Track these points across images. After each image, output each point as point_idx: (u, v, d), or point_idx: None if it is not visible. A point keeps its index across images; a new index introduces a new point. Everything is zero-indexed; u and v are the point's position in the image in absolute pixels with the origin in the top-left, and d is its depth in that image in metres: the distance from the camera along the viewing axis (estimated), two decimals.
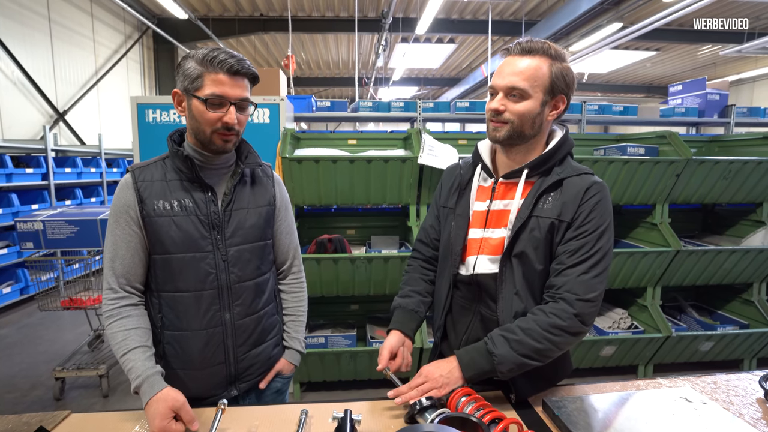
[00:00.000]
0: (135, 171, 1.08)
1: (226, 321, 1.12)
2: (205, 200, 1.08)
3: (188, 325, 1.09)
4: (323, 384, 2.81)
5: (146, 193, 1.05)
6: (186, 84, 1.01)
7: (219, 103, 1.00)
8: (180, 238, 1.05)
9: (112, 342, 1.04)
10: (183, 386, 1.09)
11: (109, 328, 1.05)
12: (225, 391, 1.15)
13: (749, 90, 11.66)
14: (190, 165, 1.06)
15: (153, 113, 2.46)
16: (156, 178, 1.07)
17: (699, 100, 3.82)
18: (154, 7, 7.73)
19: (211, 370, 1.12)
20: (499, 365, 0.96)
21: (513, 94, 1.00)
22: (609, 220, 1.01)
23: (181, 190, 1.07)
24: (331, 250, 2.64)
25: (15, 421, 0.97)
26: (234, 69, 1.00)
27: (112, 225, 1.07)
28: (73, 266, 3.29)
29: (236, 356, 1.14)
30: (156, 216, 1.05)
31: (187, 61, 1.02)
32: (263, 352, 1.20)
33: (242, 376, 1.17)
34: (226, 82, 1.00)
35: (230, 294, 1.11)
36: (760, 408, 1.01)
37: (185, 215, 1.06)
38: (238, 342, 1.14)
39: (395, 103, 3.43)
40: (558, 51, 1.01)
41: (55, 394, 2.68)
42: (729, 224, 3.23)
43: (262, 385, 1.21)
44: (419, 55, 10.46)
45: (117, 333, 1.03)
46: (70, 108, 6.29)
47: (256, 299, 1.17)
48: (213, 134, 1.03)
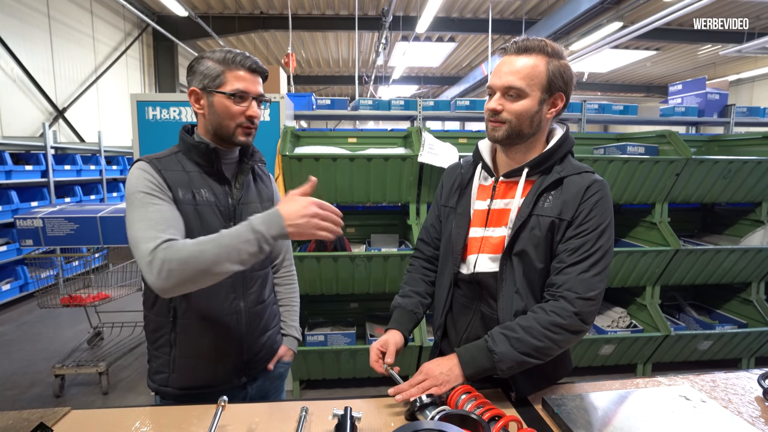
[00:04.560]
0: (153, 161, 1.06)
1: (241, 309, 1.15)
2: (223, 192, 1.12)
3: (206, 314, 1.10)
4: (323, 382, 2.81)
5: (171, 181, 1.05)
6: (206, 82, 1.05)
7: (242, 97, 1.06)
8: (202, 227, 1.06)
9: (198, 249, 0.91)
10: (196, 375, 1.12)
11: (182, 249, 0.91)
12: (236, 377, 1.18)
13: (749, 90, 11.67)
14: (212, 157, 1.09)
15: (153, 110, 2.46)
16: (176, 169, 1.08)
17: (699, 99, 3.82)
18: (154, 4, 7.72)
19: (227, 358, 1.15)
20: (499, 363, 0.96)
21: (510, 93, 1.00)
22: (609, 219, 1.01)
23: (201, 181, 1.09)
24: (330, 248, 2.64)
25: (15, 417, 0.97)
26: (252, 67, 1.08)
27: (142, 199, 0.98)
28: (72, 263, 3.29)
29: (249, 344, 1.18)
30: (181, 203, 1.05)
31: (204, 62, 1.06)
32: (269, 339, 1.25)
33: (253, 362, 1.20)
34: (247, 79, 1.07)
35: (244, 283, 1.15)
36: (758, 406, 1.01)
37: (207, 205, 1.08)
38: (251, 329, 1.18)
39: (395, 102, 3.43)
40: (555, 48, 1.00)
41: (55, 391, 2.68)
42: (728, 224, 3.24)
43: (270, 366, 1.26)
44: (419, 53, 10.45)
45: (198, 241, 0.93)
46: (69, 105, 6.28)
47: (264, 288, 1.23)
48: (237, 128, 1.08)
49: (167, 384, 1.13)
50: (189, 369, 1.11)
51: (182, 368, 1.11)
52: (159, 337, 1.12)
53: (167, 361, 1.12)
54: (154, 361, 1.15)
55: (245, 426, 0.95)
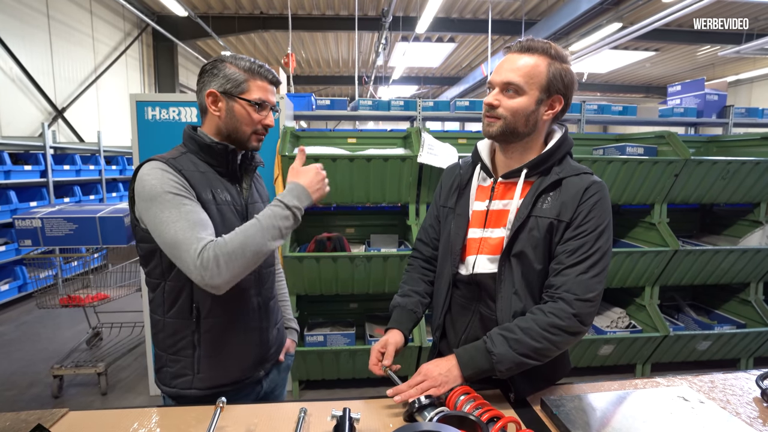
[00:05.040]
0: (170, 161, 1.04)
1: (259, 304, 1.20)
2: (236, 192, 1.16)
3: (230, 311, 1.12)
4: (322, 382, 2.81)
5: (193, 182, 1.04)
6: (228, 86, 1.08)
7: (262, 106, 1.13)
8: (224, 227, 1.06)
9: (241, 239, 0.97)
10: (223, 373, 1.13)
11: (227, 244, 0.96)
12: (256, 371, 1.21)
13: (747, 91, 11.68)
14: (229, 158, 1.13)
15: (152, 111, 2.45)
16: (192, 169, 1.07)
17: (698, 100, 3.82)
18: (154, 4, 7.71)
19: (249, 353, 1.18)
20: (497, 364, 0.96)
21: (508, 89, 1.00)
22: (608, 220, 1.01)
23: (217, 181, 1.11)
24: (330, 248, 2.64)
25: (13, 419, 0.97)
26: (273, 80, 1.15)
27: (172, 200, 0.98)
28: (71, 264, 3.29)
29: (265, 338, 1.22)
30: (205, 203, 1.05)
31: (228, 66, 1.09)
32: (279, 332, 1.31)
33: (268, 355, 1.24)
34: (268, 90, 1.14)
35: (260, 279, 1.20)
36: (756, 407, 1.01)
37: (226, 205, 1.11)
38: (267, 323, 1.23)
39: (395, 102, 3.43)
40: (559, 52, 1.01)
41: (54, 391, 2.68)
42: (727, 224, 3.24)
43: (281, 358, 1.32)
44: (419, 53, 10.45)
45: (237, 232, 0.99)
46: (68, 105, 6.28)
47: (274, 284, 1.30)
48: (252, 134, 1.14)
49: (191, 386, 1.11)
50: (216, 367, 1.12)
51: (209, 368, 1.11)
52: (179, 340, 1.10)
53: (190, 363, 1.10)
54: (172, 366, 1.11)
55: (244, 427, 0.95)
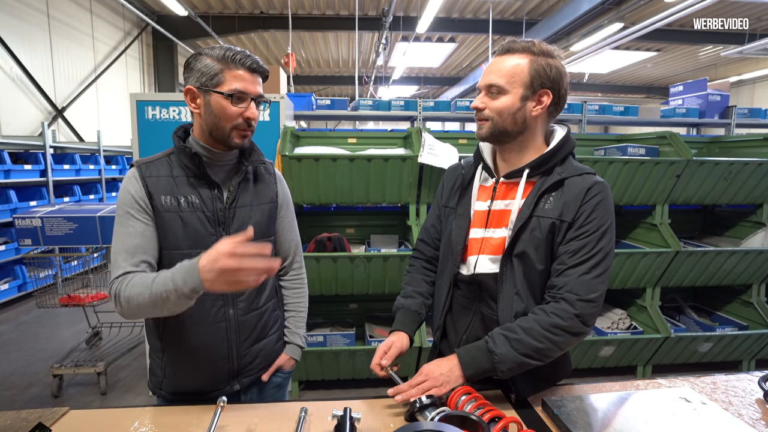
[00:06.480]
0: (141, 166, 1.06)
1: (229, 316, 1.12)
2: (211, 197, 1.08)
3: (192, 321, 1.08)
4: (322, 383, 2.80)
5: (154, 188, 1.04)
6: (203, 80, 1.01)
7: (240, 98, 1.02)
8: (186, 234, 1.05)
9: (138, 291, 0.92)
10: (185, 381, 1.11)
11: (129, 288, 0.94)
12: (228, 385, 1.15)
13: (750, 91, 11.68)
14: (197, 162, 1.06)
15: (152, 110, 2.45)
16: (162, 174, 1.06)
17: (700, 100, 3.82)
18: (154, 4, 7.71)
19: (215, 366, 1.13)
20: (499, 364, 0.96)
21: (491, 91, 1.02)
22: (610, 221, 1.00)
23: (187, 186, 1.07)
24: (330, 248, 2.64)
25: (13, 418, 0.96)
26: (253, 67, 1.04)
27: (122, 216, 1.03)
28: (71, 263, 3.28)
29: (239, 351, 1.15)
30: (164, 211, 1.04)
31: (202, 59, 1.02)
32: (265, 347, 1.21)
33: (245, 370, 1.17)
34: (246, 79, 1.02)
35: (234, 291, 1.12)
36: (759, 409, 1.01)
37: (192, 211, 1.06)
38: (241, 337, 1.15)
39: (395, 102, 3.42)
40: (543, 48, 1.01)
41: (53, 391, 2.67)
42: (729, 225, 3.23)
43: (264, 378, 1.21)
44: (419, 53, 10.45)
45: (141, 281, 0.94)
46: (68, 105, 6.28)
47: (259, 295, 1.18)
48: (232, 130, 1.04)
49: (161, 387, 1.15)
50: (176, 374, 1.12)
51: (171, 373, 1.12)
52: (153, 340, 1.13)
53: (160, 365, 1.14)
54: (152, 363, 1.17)
55: (244, 426, 0.95)
